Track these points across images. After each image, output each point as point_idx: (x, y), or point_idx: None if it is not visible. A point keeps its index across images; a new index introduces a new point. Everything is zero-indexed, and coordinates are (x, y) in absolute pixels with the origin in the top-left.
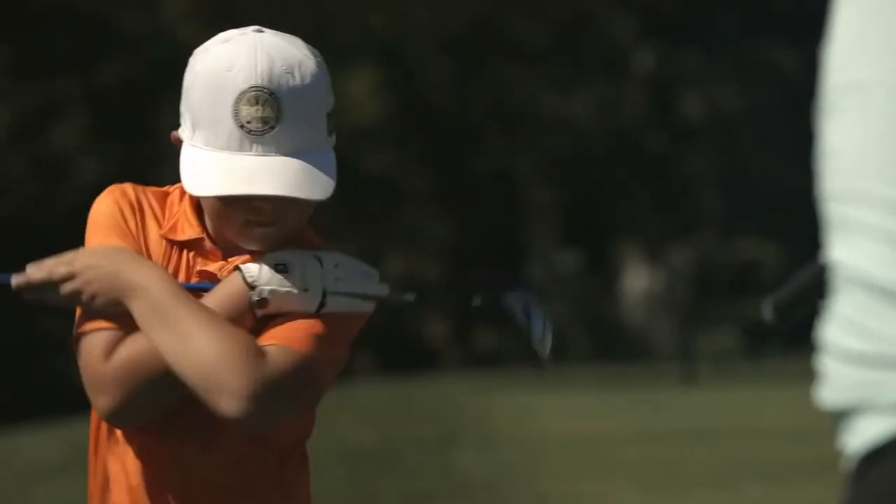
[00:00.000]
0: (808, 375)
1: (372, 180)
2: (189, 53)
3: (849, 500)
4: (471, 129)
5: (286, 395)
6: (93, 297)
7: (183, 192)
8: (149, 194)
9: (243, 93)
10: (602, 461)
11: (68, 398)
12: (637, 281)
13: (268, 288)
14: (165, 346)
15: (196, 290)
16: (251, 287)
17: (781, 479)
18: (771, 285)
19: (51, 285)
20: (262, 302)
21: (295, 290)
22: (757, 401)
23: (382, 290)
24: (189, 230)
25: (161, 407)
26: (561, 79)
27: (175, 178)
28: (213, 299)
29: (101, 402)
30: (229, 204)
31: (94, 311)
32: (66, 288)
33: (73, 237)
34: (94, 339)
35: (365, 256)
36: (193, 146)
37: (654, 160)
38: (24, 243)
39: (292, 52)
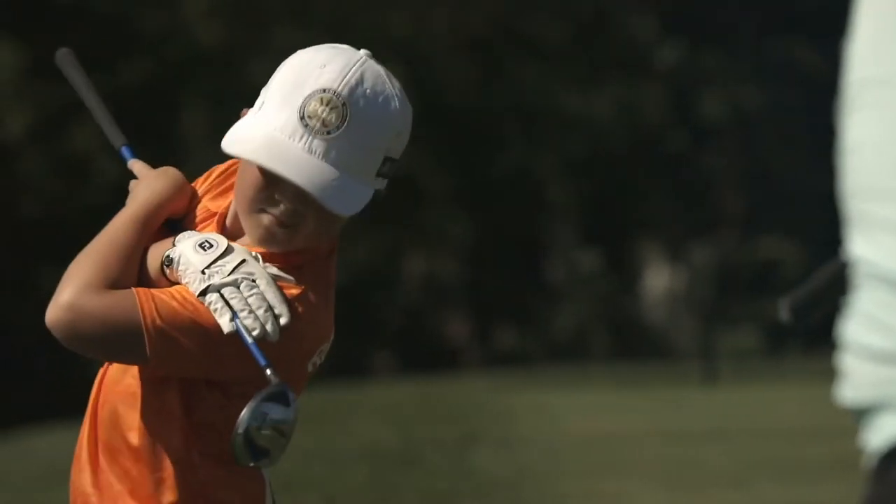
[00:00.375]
0: (828, 374)
1: (392, 179)
2: (209, 53)
3: (870, 497)
4: (491, 129)
5: (96, 327)
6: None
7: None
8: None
9: (320, 90)
10: (622, 460)
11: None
12: (658, 280)
13: (177, 252)
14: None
15: (163, 229)
16: (173, 245)
17: (801, 477)
18: (792, 284)
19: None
20: (168, 260)
21: (193, 266)
22: (777, 400)
23: (258, 350)
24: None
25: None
26: (581, 78)
27: (198, 173)
28: (151, 243)
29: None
30: (256, 186)
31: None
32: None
33: (94, 235)
34: None
35: (386, 255)
36: (252, 115)
37: (675, 159)
38: (45, 242)
39: (386, 84)
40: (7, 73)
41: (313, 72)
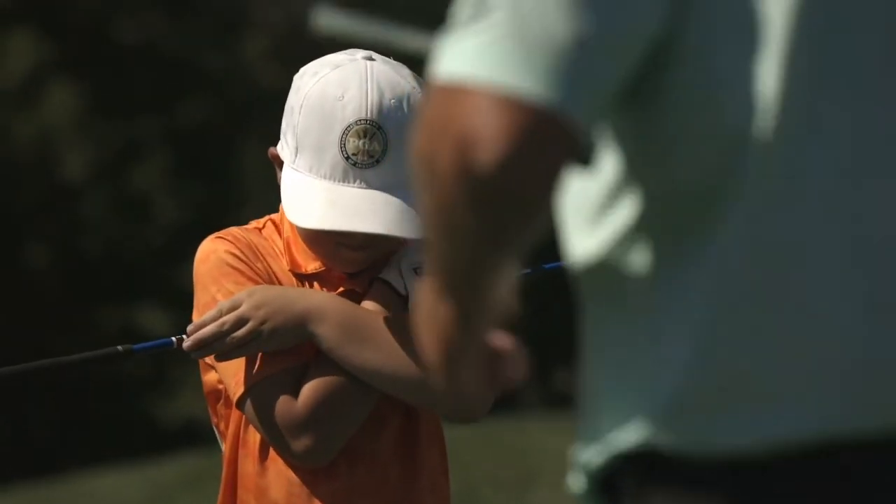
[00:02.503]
0: None
1: None
2: (269, 94)
3: None
4: None
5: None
6: (273, 333)
7: (276, 224)
8: (253, 234)
9: (352, 124)
10: None
11: (150, 438)
12: None
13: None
14: (367, 361)
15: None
16: (403, 296)
17: None
18: None
19: (222, 336)
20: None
21: None
22: None
23: None
24: (311, 263)
25: (355, 430)
26: None
27: (256, 216)
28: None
29: (300, 445)
30: (328, 238)
31: (271, 352)
32: (242, 332)
33: (153, 276)
34: (277, 382)
35: None
36: (295, 170)
37: None
38: (105, 282)
39: (401, 83)
40: (68, 114)
41: (334, 107)
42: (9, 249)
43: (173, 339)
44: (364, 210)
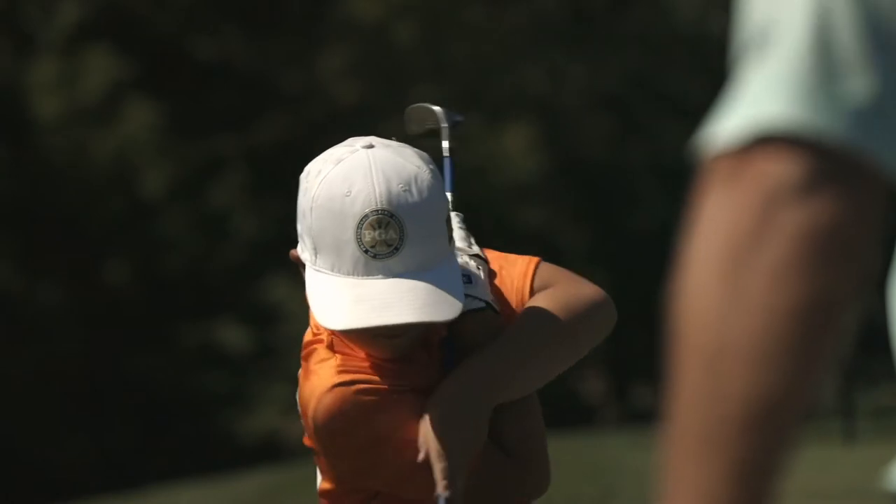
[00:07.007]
0: None
1: (528, 236)
2: (345, 111)
3: None
4: (628, 186)
5: None
6: (479, 434)
7: (331, 333)
8: (358, 360)
9: (364, 217)
10: None
11: (228, 453)
12: None
13: (488, 296)
14: (533, 374)
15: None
16: (489, 305)
17: None
18: None
19: (455, 468)
20: (492, 305)
21: (485, 279)
22: None
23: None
24: (390, 363)
25: None
26: None
27: None
28: (485, 337)
29: None
30: (365, 335)
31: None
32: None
33: (232, 293)
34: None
35: None
36: (318, 271)
37: None
38: (184, 299)
39: (406, 166)
40: (147, 132)
41: (344, 203)
42: (89, 267)
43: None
44: (391, 300)
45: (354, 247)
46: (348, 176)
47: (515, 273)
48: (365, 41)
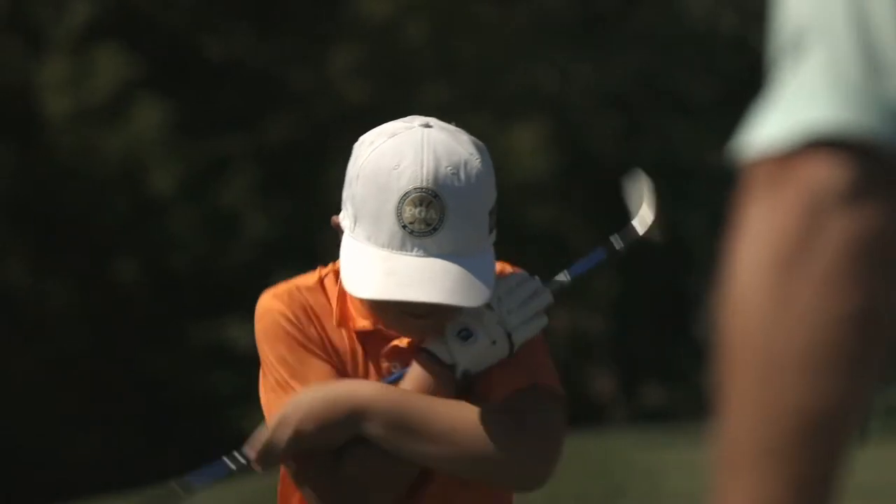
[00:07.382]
0: None
1: (538, 235)
2: (355, 110)
3: None
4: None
5: (559, 443)
6: (322, 436)
7: (338, 275)
8: (306, 292)
9: (408, 193)
10: None
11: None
12: None
13: (466, 361)
14: (418, 453)
15: (394, 382)
16: (450, 366)
17: None
18: None
19: (277, 448)
20: (466, 375)
21: (487, 350)
22: None
23: (547, 297)
24: (363, 322)
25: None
26: (729, 132)
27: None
28: (416, 387)
29: None
30: (391, 308)
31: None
32: (291, 441)
33: (241, 291)
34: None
35: None
36: (354, 239)
37: None
38: (193, 297)
39: (458, 150)
40: (155, 130)
41: (390, 176)
42: (98, 265)
43: (225, 459)
44: (422, 279)
45: (393, 220)
46: (399, 150)
47: (507, 377)
48: (374, 40)
